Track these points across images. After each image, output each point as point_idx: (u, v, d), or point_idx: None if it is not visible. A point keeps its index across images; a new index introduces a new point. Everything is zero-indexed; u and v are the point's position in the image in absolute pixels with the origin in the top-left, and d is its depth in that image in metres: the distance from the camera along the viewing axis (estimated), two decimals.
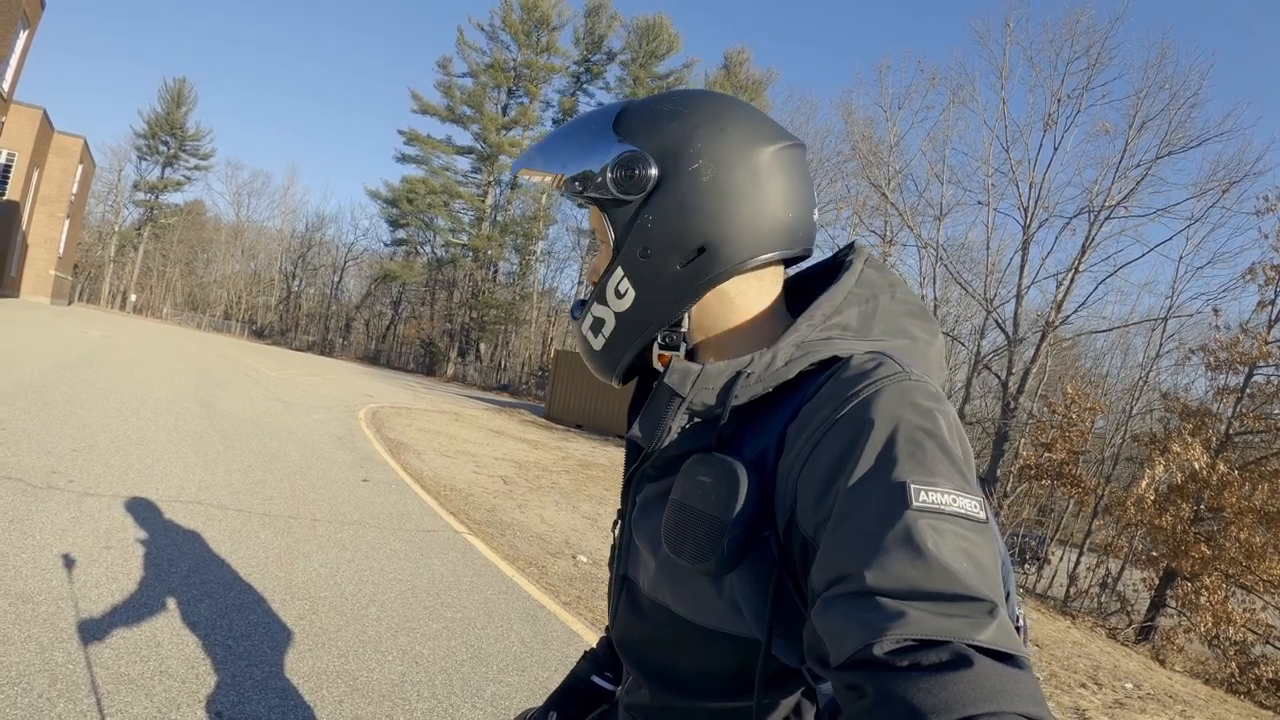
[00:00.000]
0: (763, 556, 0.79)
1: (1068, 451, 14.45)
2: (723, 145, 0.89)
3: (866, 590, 0.62)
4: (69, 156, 45.38)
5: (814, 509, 0.72)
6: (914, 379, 0.77)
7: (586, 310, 0.99)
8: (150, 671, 3.19)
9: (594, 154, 0.92)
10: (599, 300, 0.96)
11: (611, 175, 0.90)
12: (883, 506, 0.65)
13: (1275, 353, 12.74)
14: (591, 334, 0.99)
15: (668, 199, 0.89)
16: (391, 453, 11.16)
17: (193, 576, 4.35)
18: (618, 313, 0.95)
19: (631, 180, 0.89)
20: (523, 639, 4.63)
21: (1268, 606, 11.54)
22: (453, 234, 56.44)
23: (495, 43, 54.12)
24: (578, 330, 1.02)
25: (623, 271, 0.92)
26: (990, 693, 0.54)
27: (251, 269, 75.50)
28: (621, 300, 0.93)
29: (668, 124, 0.91)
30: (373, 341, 66.08)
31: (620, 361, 0.98)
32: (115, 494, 5.66)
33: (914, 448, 0.69)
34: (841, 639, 0.61)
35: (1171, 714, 6.39)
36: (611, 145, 0.91)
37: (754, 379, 0.84)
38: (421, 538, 6.50)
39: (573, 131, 0.97)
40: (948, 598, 0.60)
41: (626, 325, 0.95)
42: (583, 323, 1.00)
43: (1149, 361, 20.07)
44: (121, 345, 21.41)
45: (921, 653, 0.58)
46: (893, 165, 23.60)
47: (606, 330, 0.97)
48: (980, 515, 0.67)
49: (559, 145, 0.97)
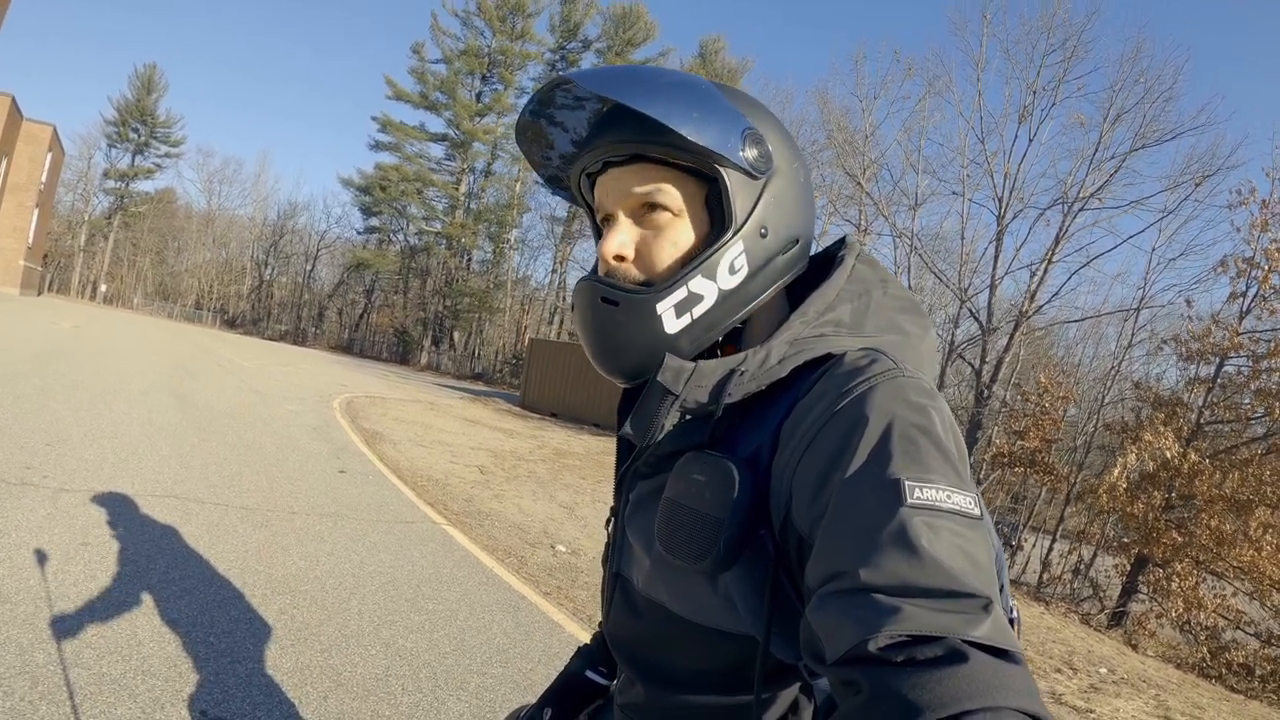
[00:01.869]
0: (758, 554, 0.80)
1: (1040, 439, 14.62)
2: (799, 153, 0.95)
3: (861, 587, 0.62)
4: (38, 144, 44.78)
5: (809, 506, 0.73)
6: (907, 375, 0.78)
7: (676, 285, 0.87)
8: (132, 671, 3.16)
9: (720, 115, 0.86)
10: (705, 274, 0.86)
11: (744, 147, 0.86)
12: (877, 503, 0.66)
13: (1246, 344, 12.88)
14: (673, 313, 0.87)
15: (785, 186, 0.90)
16: (367, 443, 11.10)
17: (172, 573, 4.32)
18: (724, 289, 0.87)
19: (762, 158, 0.88)
20: (505, 630, 4.62)
21: (1238, 592, 11.71)
22: (426, 222, 56.19)
23: (470, 29, 53.87)
24: (638, 310, 0.88)
25: (743, 246, 0.87)
26: (985, 687, 0.54)
27: (223, 258, 74.71)
28: (734, 277, 0.87)
29: (767, 115, 0.92)
30: (346, 330, 65.70)
31: (690, 348, 0.89)
32: (90, 489, 5.59)
33: (908, 444, 0.69)
34: (837, 635, 0.62)
35: (1146, 698, 6.48)
36: (735, 116, 0.87)
37: (748, 377, 0.84)
38: (400, 529, 6.48)
39: (675, 80, 0.88)
40: (943, 594, 0.60)
41: (726, 303, 0.88)
42: (659, 300, 0.87)
43: (1121, 351, 20.16)
44: (93, 336, 21.16)
45: (917, 648, 0.58)
46: (868, 155, 23.62)
47: (699, 309, 0.87)
48: (975, 511, 0.67)
49: (664, 89, 0.85)
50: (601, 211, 0.95)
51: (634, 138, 0.87)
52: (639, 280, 0.90)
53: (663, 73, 0.89)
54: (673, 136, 0.82)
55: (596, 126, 0.92)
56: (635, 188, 0.89)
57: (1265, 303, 12.79)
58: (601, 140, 0.90)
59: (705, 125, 0.83)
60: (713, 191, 0.88)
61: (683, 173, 0.88)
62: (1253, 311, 13.07)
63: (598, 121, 0.92)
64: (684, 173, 0.88)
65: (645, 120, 0.83)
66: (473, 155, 55.29)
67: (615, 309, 0.89)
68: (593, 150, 0.92)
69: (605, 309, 0.90)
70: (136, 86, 67.51)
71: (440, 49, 53.89)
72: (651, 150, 0.87)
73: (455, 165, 56.21)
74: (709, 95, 0.87)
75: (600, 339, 0.92)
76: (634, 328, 0.88)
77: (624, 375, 0.93)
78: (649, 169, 0.89)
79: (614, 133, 0.89)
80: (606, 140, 0.90)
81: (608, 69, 0.89)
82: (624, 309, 0.88)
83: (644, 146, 0.87)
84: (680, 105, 0.83)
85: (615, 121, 0.89)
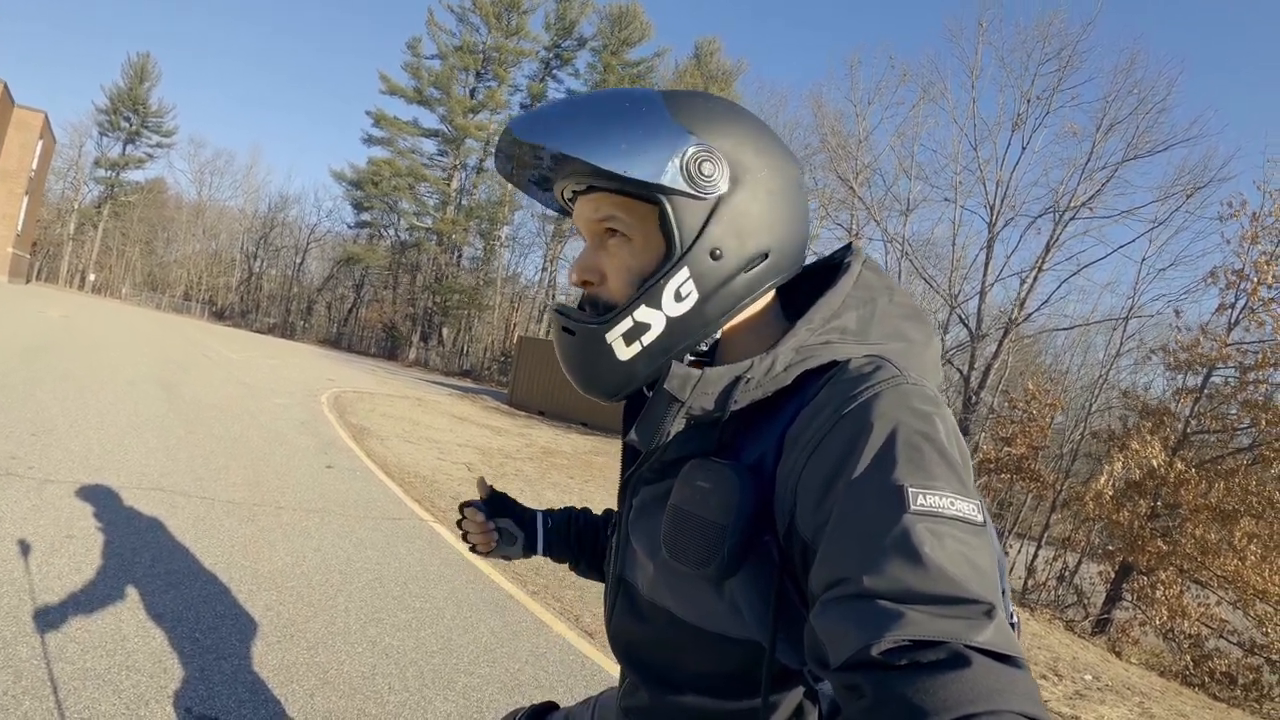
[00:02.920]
0: (764, 561, 0.80)
1: (1027, 446, 14.67)
2: (778, 157, 0.92)
3: (865, 593, 0.63)
4: (29, 131, 44.58)
5: (813, 512, 0.73)
6: (912, 382, 0.78)
7: (621, 315, 0.87)
8: (116, 666, 3.14)
9: (655, 141, 0.84)
10: (649, 303, 0.86)
11: (685, 169, 0.84)
12: (881, 510, 0.66)
13: (1234, 355, 12.97)
14: (622, 342, 0.88)
15: (747, 200, 0.88)
16: (355, 438, 11.06)
17: (157, 567, 4.29)
18: (671, 317, 0.87)
19: (708, 177, 0.85)
20: (492, 629, 4.61)
21: (1221, 601, 11.80)
22: (417, 217, 55.86)
23: (465, 25, 53.59)
24: (590, 340, 0.90)
25: (689, 272, 0.86)
26: (988, 692, 0.55)
27: (212, 249, 74.29)
28: (681, 304, 0.86)
29: (732, 124, 0.89)
30: (334, 324, 65.34)
31: (646, 373, 0.90)
32: (76, 480, 5.56)
33: (912, 451, 0.70)
34: (840, 641, 0.62)
35: (1130, 705, 6.51)
36: (677, 135, 0.85)
37: (753, 384, 0.84)
38: (388, 526, 6.45)
39: (611, 109, 0.87)
40: (945, 600, 0.61)
41: (677, 331, 0.88)
42: (607, 330, 0.88)
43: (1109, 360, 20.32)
44: (81, 326, 21.04)
45: (919, 653, 0.58)
46: (861, 159, 23.66)
47: (648, 337, 0.88)
48: (978, 518, 0.67)
49: (595, 122, 0.85)
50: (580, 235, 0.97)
51: (579, 172, 0.90)
52: (607, 301, 0.92)
53: (599, 102, 0.88)
54: (603, 173, 0.84)
55: (555, 161, 0.94)
56: (592, 215, 0.92)
57: (1254, 315, 12.86)
58: (559, 175, 0.95)
59: (634, 157, 0.82)
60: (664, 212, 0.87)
61: (632, 198, 0.88)
62: (1241, 323, 13.16)
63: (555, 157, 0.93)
64: (634, 198, 0.88)
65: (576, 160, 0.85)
66: (465, 151, 55.12)
67: (573, 338, 0.93)
68: (559, 184, 0.96)
69: (566, 337, 0.94)
70: (129, 75, 67.17)
71: (436, 44, 53.77)
72: (597, 181, 0.89)
73: (447, 161, 56.02)
74: (644, 120, 0.86)
75: (568, 364, 0.96)
76: (590, 355, 0.91)
77: (602, 395, 0.95)
78: (602, 197, 0.90)
79: (564, 167, 0.92)
80: (561, 175, 0.94)
81: (545, 109, 0.90)
82: (579, 338, 0.92)
83: (588, 179, 0.89)
84: (609, 140, 0.83)
85: (561, 159, 0.91)
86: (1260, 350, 12.49)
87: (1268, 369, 12.19)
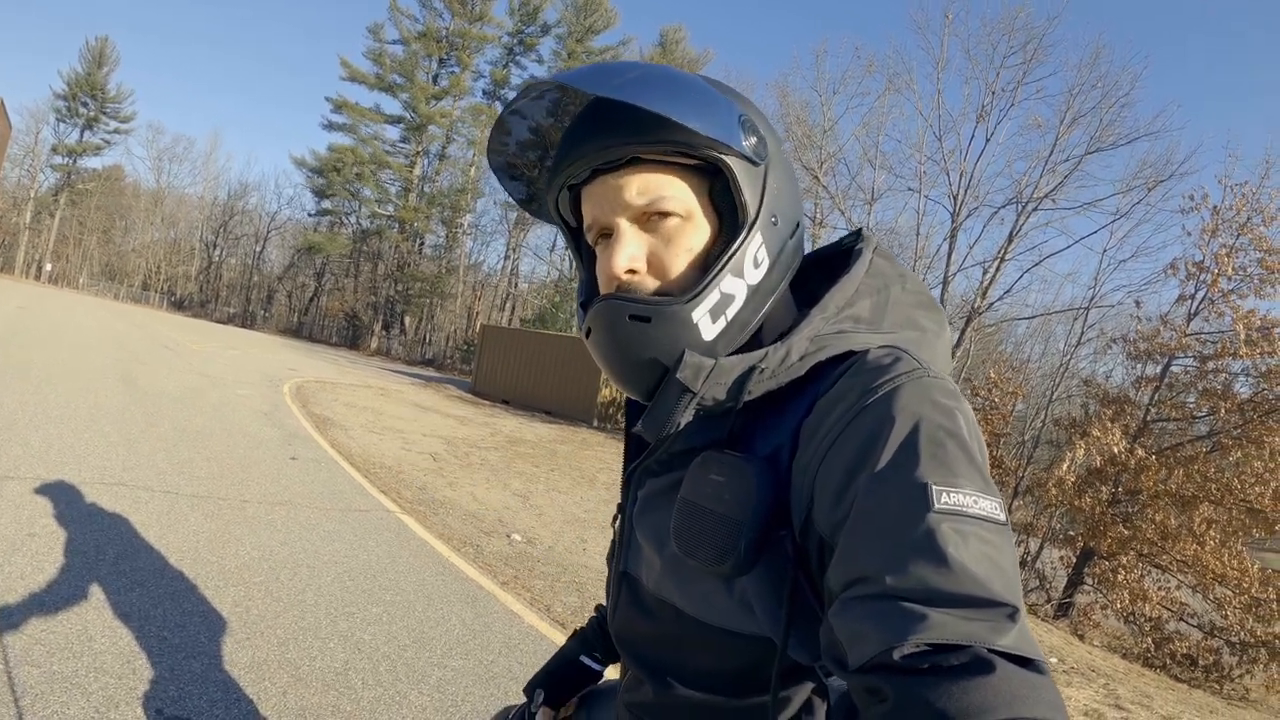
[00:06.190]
0: (777, 556, 0.78)
1: (989, 434, 14.84)
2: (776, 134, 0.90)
3: (887, 593, 0.61)
4: None
5: (832, 508, 0.71)
6: (933, 375, 0.76)
7: (708, 289, 0.80)
8: (84, 668, 3.06)
9: (717, 105, 0.80)
10: (734, 273, 0.81)
11: (745, 136, 0.81)
12: (904, 507, 0.64)
13: (1193, 345, 13.29)
14: (709, 319, 0.81)
15: (781, 169, 0.87)
16: (318, 429, 10.96)
17: (122, 564, 4.20)
18: (752, 285, 0.83)
19: (761, 144, 0.83)
20: (464, 621, 4.57)
21: (1181, 585, 12.09)
22: (379, 205, 55.41)
23: (428, 10, 53.24)
24: (671, 323, 0.81)
25: (762, 238, 0.83)
26: (1012, 698, 0.54)
27: (171, 238, 73.01)
28: (759, 270, 0.83)
29: (746, 99, 0.88)
30: (295, 314, 64.77)
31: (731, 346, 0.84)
32: (37, 476, 5.43)
33: (935, 447, 0.68)
34: (861, 642, 0.61)
35: (1096, 687, 6.62)
36: (728, 103, 0.82)
37: (768, 374, 0.81)
38: (354, 517, 6.39)
39: (664, 70, 0.82)
40: (970, 602, 0.59)
41: (752, 300, 0.83)
42: (694, 307, 0.80)
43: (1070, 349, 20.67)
44: (39, 317, 20.63)
45: (942, 656, 0.57)
46: (826, 149, 23.86)
47: (732, 309, 0.82)
48: (1000, 517, 0.66)
49: (666, 81, 0.79)
50: (596, 225, 0.87)
51: (627, 139, 0.80)
52: (653, 292, 0.84)
53: (639, 65, 0.81)
54: (676, 131, 0.77)
55: (576, 132, 0.85)
56: (637, 194, 0.83)
57: (1213, 305, 13.17)
58: (586, 147, 0.83)
59: (708, 115, 0.78)
60: (715, 186, 0.83)
61: (684, 170, 0.83)
62: (1200, 314, 13.45)
63: (576, 126, 0.85)
64: (685, 170, 0.83)
65: (641, 118, 0.77)
66: (428, 138, 54.83)
67: (648, 325, 0.81)
68: (577, 160, 0.84)
69: (636, 326, 0.82)
70: (87, 60, 65.48)
71: (398, 29, 53.24)
72: (649, 151, 0.81)
73: (410, 148, 55.65)
74: (699, 83, 0.82)
75: (631, 359, 0.84)
76: (671, 341, 0.81)
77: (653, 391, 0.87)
78: (648, 172, 0.82)
79: (601, 137, 0.81)
80: (592, 146, 0.82)
81: (582, 70, 0.81)
82: (658, 323, 0.81)
83: (639, 148, 0.80)
84: (682, 96, 0.77)
85: (600, 124, 0.82)
86: (1219, 340, 12.79)
87: (1226, 358, 12.47)
